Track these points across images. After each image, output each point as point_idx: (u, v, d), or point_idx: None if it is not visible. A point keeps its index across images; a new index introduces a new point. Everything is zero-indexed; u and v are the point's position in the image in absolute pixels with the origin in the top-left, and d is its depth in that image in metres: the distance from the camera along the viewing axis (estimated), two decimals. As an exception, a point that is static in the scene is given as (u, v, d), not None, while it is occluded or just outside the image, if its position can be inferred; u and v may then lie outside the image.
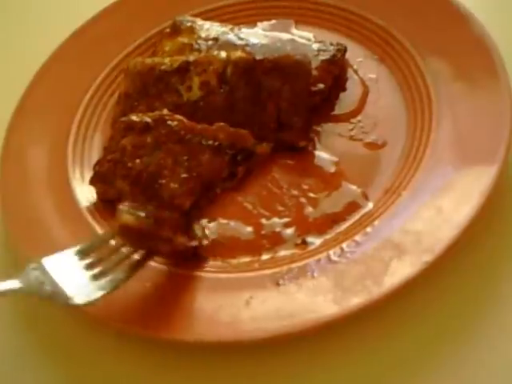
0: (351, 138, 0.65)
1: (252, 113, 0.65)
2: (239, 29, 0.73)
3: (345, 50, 0.69)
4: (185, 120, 0.64)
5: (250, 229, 0.61)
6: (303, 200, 0.61)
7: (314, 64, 0.66)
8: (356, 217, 0.59)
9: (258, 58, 0.65)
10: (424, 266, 0.52)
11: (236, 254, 0.59)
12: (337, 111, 0.67)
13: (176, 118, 0.65)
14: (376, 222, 0.57)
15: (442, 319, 0.53)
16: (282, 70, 0.64)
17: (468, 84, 0.63)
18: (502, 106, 0.60)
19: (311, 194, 0.61)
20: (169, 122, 0.64)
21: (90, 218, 0.63)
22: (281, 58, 0.65)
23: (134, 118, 0.65)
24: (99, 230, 0.62)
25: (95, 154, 0.69)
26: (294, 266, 0.56)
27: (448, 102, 0.63)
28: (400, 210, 0.57)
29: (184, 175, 0.62)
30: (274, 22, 0.76)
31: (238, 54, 0.66)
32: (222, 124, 0.64)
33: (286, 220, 0.60)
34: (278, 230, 0.60)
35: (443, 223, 0.55)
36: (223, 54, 0.67)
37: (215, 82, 0.66)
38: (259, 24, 0.76)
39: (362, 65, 0.70)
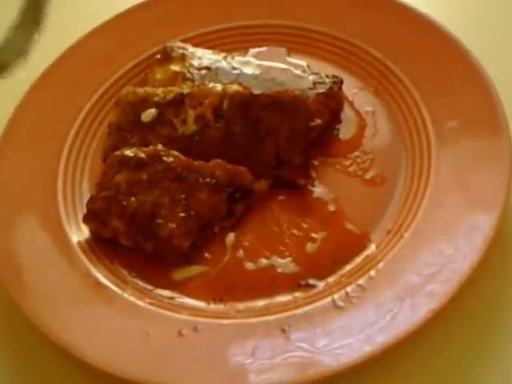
0: (350, 174, 0.64)
1: (249, 149, 0.64)
2: (232, 57, 0.71)
3: (341, 82, 0.68)
4: (181, 156, 0.63)
5: (250, 269, 0.60)
6: (304, 240, 0.61)
7: (311, 97, 0.66)
8: (358, 259, 0.59)
9: (255, 92, 0.64)
10: (430, 315, 0.52)
11: (237, 296, 0.58)
12: (334, 146, 0.66)
13: (172, 154, 0.63)
14: (380, 266, 0.57)
15: (447, 367, 0.53)
16: (280, 105, 0.63)
17: (466, 122, 0.63)
18: (502, 146, 0.60)
19: (312, 234, 0.61)
20: (164, 158, 0.63)
21: (83, 258, 0.61)
22: (279, 93, 0.64)
23: (128, 153, 0.63)
24: (94, 271, 0.61)
25: (86, 188, 0.67)
26: (298, 311, 0.56)
27: (447, 139, 0.63)
28: (403, 253, 0.57)
29: (182, 214, 0.61)
30: (265, 48, 0.74)
31: (235, 87, 0.65)
32: (219, 161, 0.63)
33: (287, 260, 0.60)
34: (279, 270, 0.59)
35: (447, 269, 0.55)
36: (219, 87, 0.65)
37: (211, 115, 0.65)
38: (251, 50, 0.75)
39: (358, 97, 0.69)
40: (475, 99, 0.63)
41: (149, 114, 0.65)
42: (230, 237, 0.62)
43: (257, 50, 0.74)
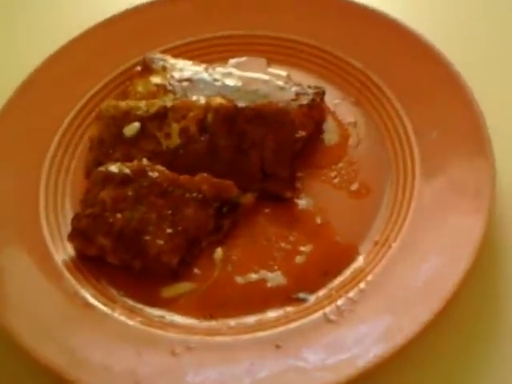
0: (335, 186, 0.64)
1: (235, 162, 0.63)
2: (213, 68, 0.71)
3: (323, 93, 0.68)
4: (166, 171, 0.62)
5: (239, 284, 0.60)
6: (292, 253, 0.61)
7: (294, 109, 0.66)
8: (348, 271, 0.59)
9: (239, 105, 0.64)
10: (422, 326, 0.53)
11: (227, 312, 0.58)
12: (318, 157, 0.67)
13: (157, 169, 0.62)
14: (369, 278, 0.57)
15: (441, 378, 0.54)
16: (265, 118, 0.63)
17: (448, 132, 0.63)
18: (484, 152, 0.61)
19: (300, 247, 0.61)
20: (150, 174, 0.62)
21: (70, 278, 0.60)
22: (264, 106, 0.64)
23: (113, 168, 0.63)
24: (81, 291, 0.60)
25: (69, 205, 0.66)
26: (291, 326, 0.56)
27: (430, 148, 0.63)
28: (392, 265, 0.58)
29: (169, 231, 0.60)
30: (245, 59, 0.74)
31: (218, 100, 0.65)
32: (204, 175, 0.62)
33: (276, 274, 0.60)
34: (269, 285, 0.59)
35: (437, 278, 0.56)
36: (202, 100, 0.65)
37: (195, 129, 0.64)
38: (231, 61, 0.74)
39: (339, 107, 0.70)
40: (456, 109, 0.64)
41: (132, 128, 0.65)
42: (218, 252, 0.62)
43: (237, 60, 0.74)
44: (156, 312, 0.58)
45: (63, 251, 0.62)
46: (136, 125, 0.65)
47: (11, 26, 0.83)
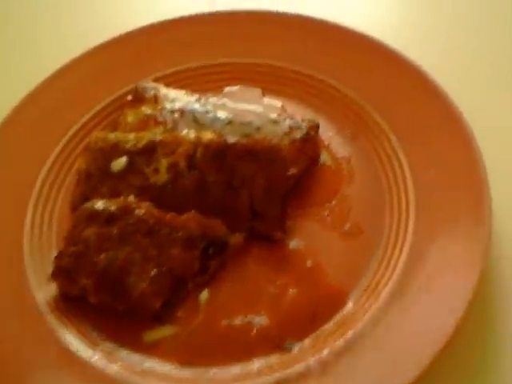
0: (327, 226, 0.62)
1: (224, 200, 0.62)
2: (206, 99, 0.69)
3: (317, 126, 0.66)
4: (152, 208, 0.61)
5: (224, 329, 0.58)
6: (280, 297, 0.59)
7: (287, 145, 0.64)
8: (336, 318, 0.57)
9: (230, 141, 0.62)
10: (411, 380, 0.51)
11: (210, 359, 0.56)
12: (310, 194, 0.64)
13: (143, 206, 0.61)
14: (357, 327, 0.55)
15: None
16: (256, 155, 0.61)
17: (445, 172, 0.61)
18: (481, 195, 0.59)
19: (288, 291, 0.59)
20: (135, 211, 0.60)
21: (51, 318, 0.59)
22: (255, 142, 0.62)
23: (98, 206, 0.61)
24: (61, 333, 0.58)
25: (54, 240, 0.64)
26: (275, 377, 0.54)
27: (425, 189, 0.61)
28: (381, 314, 0.55)
29: (154, 272, 0.58)
30: (240, 87, 0.72)
31: (209, 135, 0.63)
32: (192, 213, 0.60)
33: (262, 319, 0.58)
34: (254, 331, 0.57)
35: (428, 331, 0.53)
36: (192, 135, 0.63)
37: (184, 164, 0.62)
38: (226, 89, 0.72)
39: (334, 140, 0.68)
40: (455, 149, 0.62)
41: (119, 163, 0.63)
42: (204, 294, 0.60)
43: (231, 88, 0.72)
44: (137, 357, 0.57)
45: (47, 289, 0.61)
46: (123, 160, 0.63)
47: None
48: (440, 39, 0.77)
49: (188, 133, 0.64)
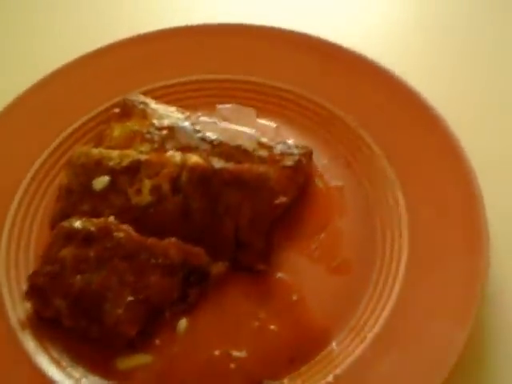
0: (314, 260, 0.60)
1: (207, 227, 0.59)
2: (196, 117, 0.66)
3: (310, 153, 0.64)
4: (132, 232, 0.58)
5: (201, 362, 0.55)
6: (261, 332, 0.56)
7: (277, 172, 0.61)
8: (317, 358, 0.55)
9: (216, 166, 0.60)
10: None
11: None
12: (299, 225, 0.62)
13: (122, 229, 0.58)
14: (338, 371, 0.53)
15: None
16: (242, 183, 0.59)
17: (443, 213, 0.59)
18: (478, 243, 0.56)
19: (270, 326, 0.56)
20: (115, 234, 0.58)
21: (22, 337, 0.57)
22: (242, 170, 0.59)
23: (77, 225, 0.59)
24: (34, 352, 0.56)
25: (32, 256, 0.62)
26: (248, 418, 0.52)
27: (420, 229, 0.59)
28: (365, 358, 0.53)
29: (130, 298, 0.56)
30: (234, 106, 0.70)
31: (195, 159, 0.60)
32: (173, 239, 0.58)
33: (241, 354, 0.55)
34: (232, 366, 0.55)
35: (413, 380, 0.51)
36: (178, 157, 0.61)
37: (168, 187, 0.60)
38: (219, 107, 0.70)
39: (327, 168, 0.65)
40: (453, 186, 0.60)
41: (100, 182, 0.61)
42: (182, 323, 0.57)
43: (224, 106, 0.70)
44: (108, 385, 0.55)
45: (21, 308, 0.58)
46: (105, 179, 0.61)
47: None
48: (444, 69, 0.75)
49: (174, 155, 0.61)
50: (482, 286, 0.54)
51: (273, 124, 0.68)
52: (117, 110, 0.67)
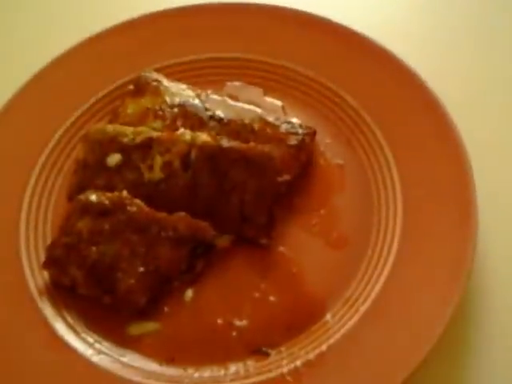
0: (314, 234, 0.64)
1: (214, 202, 0.63)
2: (207, 95, 0.69)
3: (314, 133, 0.67)
4: (144, 206, 0.62)
5: (205, 329, 0.60)
6: (261, 303, 0.60)
7: (281, 150, 0.65)
8: (313, 328, 0.59)
9: (224, 145, 0.63)
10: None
11: (189, 357, 0.58)
12: (301, 201, 0.65)
13: (135, 203, 0.62)
14: (332, 341, 0.57)
15: None
16: (248, 162, 0.62)
17: (436, 192, 0.62)
18: (469, 221, 0.59)
19: (270, 297, 0.61)
20: (128, 208, 0.62)
21: (40, 303, 0.61)
22: (248, 149, 0.62)
23: (92, 198, 0.62)
24: (51, 317, 0.60)
25: (49, 227, 0.66)
26: (248, 381, 0.56)
27: (414, 207, 0.62)
28: (357, 329, 0.57)
29: (141, 269, 0.60)
30: (242, 85, 0.72)
31: (204, 137, 0.64)
32: (182, 214, 0.62)
33: (243, 323, 0.60)
34: (233, 334, 0.59)
35: (402, 353, 0.55)
36: (188, 136, 0.64)
37: (178, 164, 0.63)
38: (228, 84, 0.73)
39: (330, 147, 0.68)
40: (449, 169, 0.62)
41: (114, 158, 0.64)
42: (189, 293, 0.62)
43: (233, 84, 0.73)
44: (120, 349, 0.59)
45: (39, 276, 0.63)
46: (117, 156, 0.64)
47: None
48: (447, 54, 0.77)
49: (184, 133, 0.64)
50: (470, 265, 0.57)
51: (279, 102, 0.71)
52: (131, 87, 0.70)
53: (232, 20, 0.74)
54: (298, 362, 0.57)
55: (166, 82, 0.70)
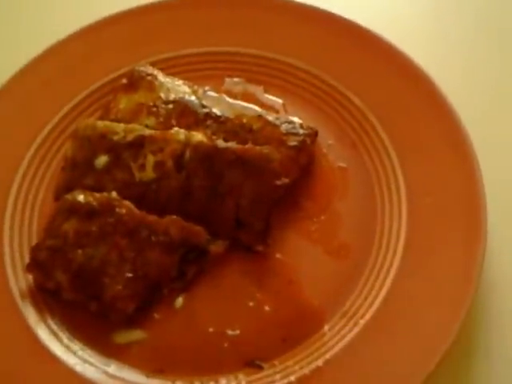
0: (314, 241, 0.60)
1: (209, 205, 0.60)
2: (204, 91, 0.66)
3: (315, 134, 0.63)
4: (134, 208, 0.59)
5: (196, 339, 0.57)
6: (256, 312, 0.57)
7: (281, 152, 0.61)
8: (309, 341, 0.56)
9: (220, 146, 0.59)
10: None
11: (178, 369, 0.55)
12: (300, 205, 0.62)
13: (125, 205, 0.59)
14: (328, 355, 0.54)
15: None
16: (245, 164, 0.59)
17: (443, 202, 0.58)
18: (476, 235, 0.56)
19: (265, 307, 0.57)
20: (117, 210, 0.59)
21: (22, 307, 0.58)
22: (245, 150, 0.59)
23: (80, 198, 0.59)
24: (33, 322, 0.57)
25: (35, 228, 0.63)
26: (238, 398, 0.53)
27: (420, 217, 0.59)
28: (355, 345, 0.54)
29: (129, 275, 0.57)
30: (242, 80, 0.69)
31: (199, 137, 0.60)
32: (174, 217, 0.59)
33: (235, 333, 0.57)
34: (225, 345, 0.56)
35: (402, 372, 0.52)
36: (182, 135, 0.61)
37: (171, 164, 0.60)
38: (227, 80, 0.69)
39: (333, 149, 0.65)
40: (457, 178, 0.59)
41: (101, 160, 0.61)
42: (179, 301, 0.58)
43: (232, 80, 0.69)
44: (103, 361, 0.56)
45: (23, 279, 0.60)
46: (104, 158, 0.61)
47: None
48: (454, 55, 0.74)
49: (178, 132, 0.61)
50: (477, 278, 0.54)
51: (280, 100, 0.68)
52: (124, 81, 0.67)
53: (232, 12, 0.70)
54: (293, 378, 0.54)
55: (161, 77, 0.67)
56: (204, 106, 0.65)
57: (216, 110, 0.64)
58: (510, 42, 0.75)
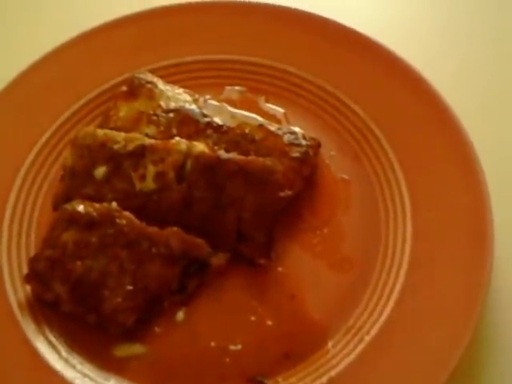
0: (316, 255, 0.59)
1: (210, 217, 0.59)
2: (205, 100, 0.65)
3: (318, 146, 0.63)
4: (134, 219, 0.58)
5: (197, 354, 0.56)
6: (258, 327, 0.56)
7: (284, 164, 0.60)
8: (312, 357, 0.55)
9: (222, 157, 0.58)
10: None
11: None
12: (303, 218, 0.61)
13: (125, 216, 0.58)
14: (333, 373, 0.53)
15: None
16: (248, 176, 0.58)
17: (448, 217, 0.58)
18: (482, 254, 0.55)
19: (267, 321, 0.57)
20: (117, 221, 0.58)
21: (21, 319, 0.57)
22: (248, 162, 0.58)
23: (80, 209, 0.58)
24: (32, 335, 0.56)
25: (33, 238, 0.62)
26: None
27: (425, 232, 0.58)
28: (359, 362, 0.53)
29: (129, 287, 0.56)
30: (243, 89, 0.68)
31: (201, 147, 0.59)
32: (174, 229, 0.58)
33: (237, 348, 0.56)
34: (227, 360, 0.55)
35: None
36: (183, 145, 0.59)
37: (172, 175, 0.59)
38: (227, 88, 0.68)
39: (335, 160, 0.64)
40: (463, 193, 0.58)
41: (100, 171, 0.60)
42: (180, 314, 0.58)
43: (233, 89, 0.68)
44: (102, 374, 0.55)
45: (21, 290, 0.59)
46: (103, 169, 0.60)
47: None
48: (464, 65, 0.73)
49: (179, 142, 0.60)
50: (484, 293, 0.54)
51: (281, 109, 0.67)
52: (124, 89, 0.66)
53: (234, 20, 0.69)
54: (295, 396, 0.53)
55: (161, 85, 0.66)
56: (205, 115, 0.64)
57: (217, 120, 0.63)
58: (504, 45, 0.75)
